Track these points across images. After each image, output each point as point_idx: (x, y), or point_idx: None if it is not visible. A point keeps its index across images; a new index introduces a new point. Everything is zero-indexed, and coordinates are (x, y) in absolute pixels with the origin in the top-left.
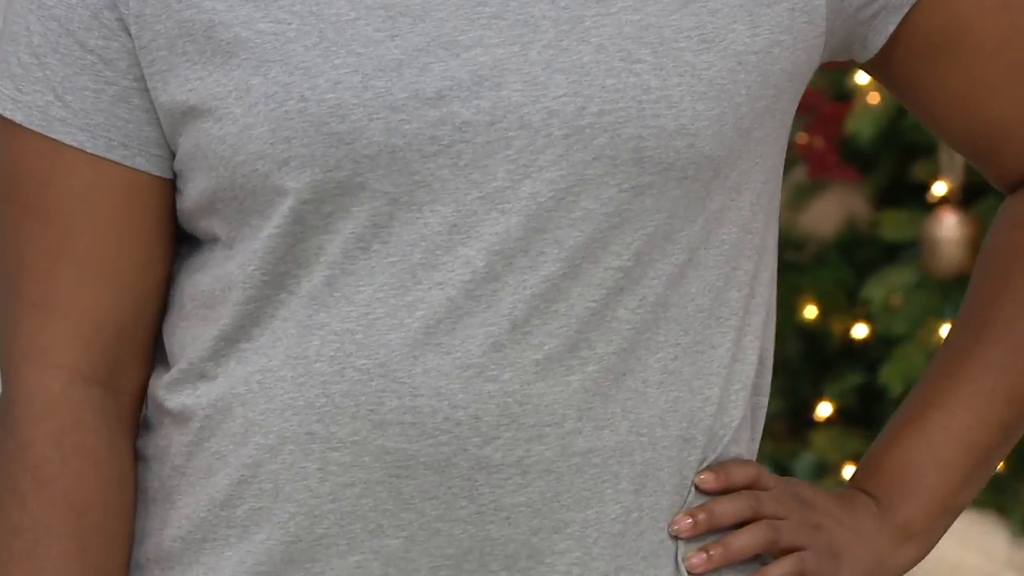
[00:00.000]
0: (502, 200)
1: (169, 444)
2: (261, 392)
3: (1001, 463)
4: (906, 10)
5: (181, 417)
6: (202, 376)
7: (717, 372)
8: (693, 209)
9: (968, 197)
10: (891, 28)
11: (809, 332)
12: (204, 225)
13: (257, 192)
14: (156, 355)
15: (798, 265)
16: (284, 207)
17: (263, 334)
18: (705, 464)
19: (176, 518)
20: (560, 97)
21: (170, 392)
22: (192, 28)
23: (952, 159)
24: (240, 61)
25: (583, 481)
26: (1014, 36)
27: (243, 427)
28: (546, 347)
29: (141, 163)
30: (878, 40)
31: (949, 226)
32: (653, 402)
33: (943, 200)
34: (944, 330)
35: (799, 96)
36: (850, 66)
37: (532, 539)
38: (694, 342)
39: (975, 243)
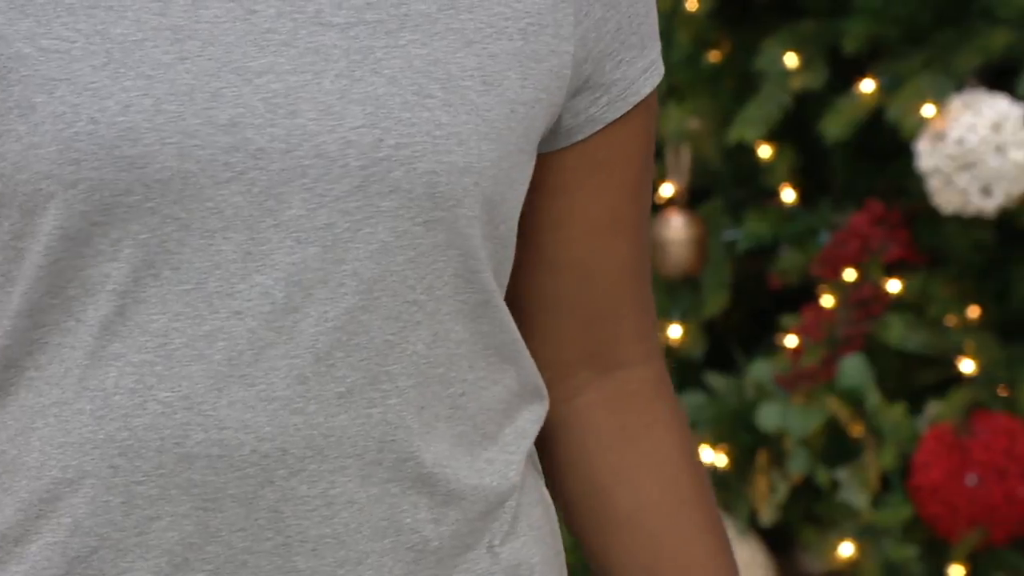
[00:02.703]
0: (297, 229)
1: None
2: (58, 426)
3: (726, 461)
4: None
5: None
6: None
7: (498, 408)
8: (484, 248)
9: (694, 199)
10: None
11: None
12: None
13: (38, 212)
14: None
15: None
16: (71, 230)
17: (51, 363)
18: (497, 493)
19: None
20: (357, 128)
21: None
22: None
23: (678, 161)
24: (21, 77)
25: (382, 511)
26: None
27: (39, 461)
28: (348, 380)
29: None
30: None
31: (676, 227)
32: (442, 436)
33: (670, 201)
34: (672, 330)
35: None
36: None
37: (338, 571)
38: (478, 378)
39: (702, 244)
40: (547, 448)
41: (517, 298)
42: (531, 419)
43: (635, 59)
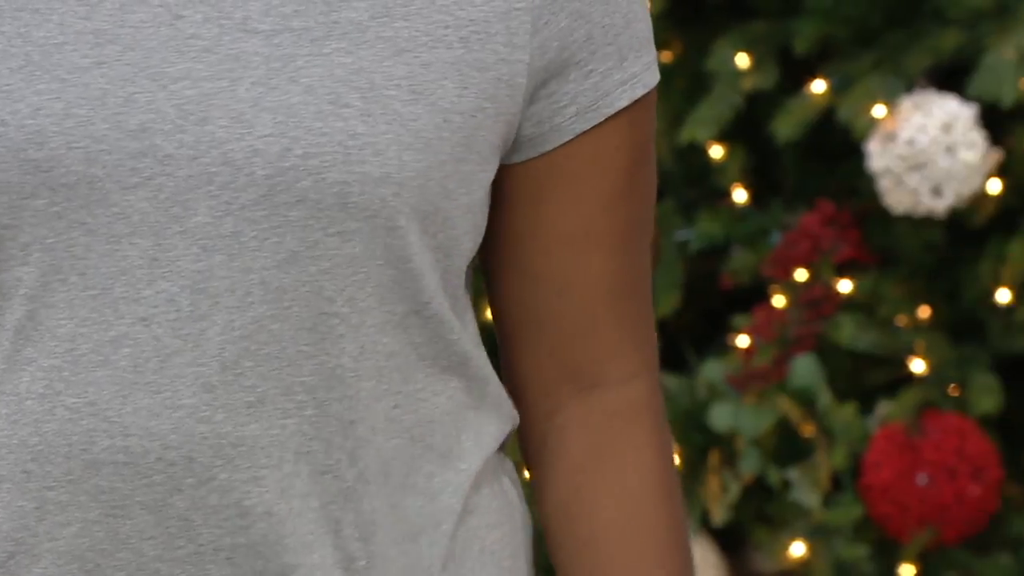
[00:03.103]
0: (203, 236)
1: None
2: None
3: (678, 461)
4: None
5: None
6: None
7: (443, 420)
8: (422, 258)
9: None
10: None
11: None
12: None
13: None
14: None
15: None
16: None
17: None
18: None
19: None
20: (266, 136)
21: None
22: None
23: None
24: None
25: (305, 525)
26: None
27: None
28: (259, 389)
29: None
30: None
31: None
32: (378, 450)
33: None
34: None
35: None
36: None
37: None
38: (415, 390)
39: (654, 244)
40: (529, 466)
41: (498, 311)
42: (489, 432)
43: (610, 71)
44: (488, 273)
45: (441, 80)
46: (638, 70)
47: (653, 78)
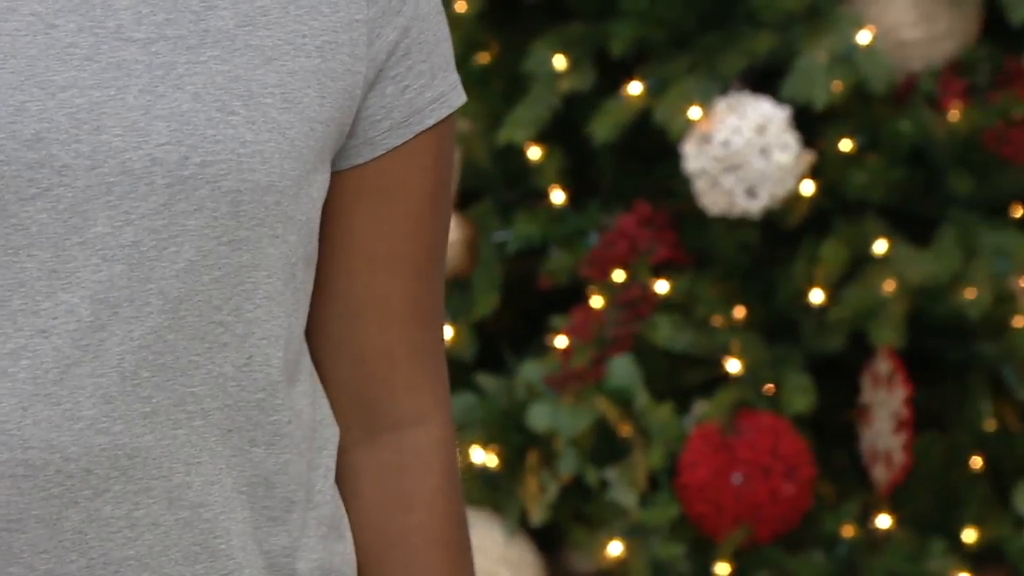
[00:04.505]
0: (103, 246)
1: None
2: None
3: (497, 461)
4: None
5: None
6: None
7: (319, 432)
8: (290, 272)
9: (464, 200)
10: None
11: None
12: None
13: None
14: None
15: None
16: None
17: None
18: (305, 520)
19: None
20: (163, 145)
21: None
22: None
23: None
24: None
25: (192, 536)
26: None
27: None
28: (154, 400)
29: None
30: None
31: None
32: (260, 462)
33: None
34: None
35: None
36: None
37: None
38: (310, 404)
39: (472, 245)
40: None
41: (307, 334)
42: (333, 449)
43: (423, 88)
44: None
45: (305, 88)
46: (446, 89)
47: (459, 98)
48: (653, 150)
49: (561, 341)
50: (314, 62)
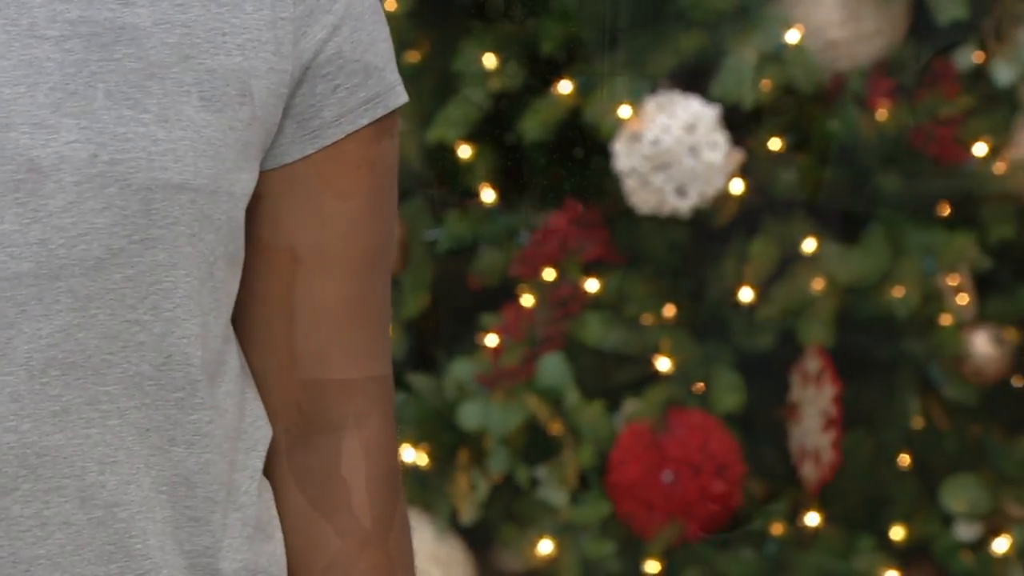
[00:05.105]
0: (10, 244)
1: None
2: None
3: (428, 460)
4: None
5: None
6: None
7: (247, 432)
8: (208, 271)
9: None
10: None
11: None
12: None
13: None
14: None
15: None
16: None
17: None
18: (228, 521)
19: None
20: (72, 143)
21: None
22: None
23: None
24: None
25: (106, 535)
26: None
27: None
28: (64, 398)
29: None
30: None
31: None
32: (180, 462)
33: None
34: None
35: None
36: None
37: None
38: (236, 404)
39: (403, 244)
40: None
41: (239, 337)
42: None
43: (356, 87)
44: None
45: (225, 87)
46: (382, 90)
47: (396, 99)
48: (584, 149)
49: (492, 340)
50: (235, 60)
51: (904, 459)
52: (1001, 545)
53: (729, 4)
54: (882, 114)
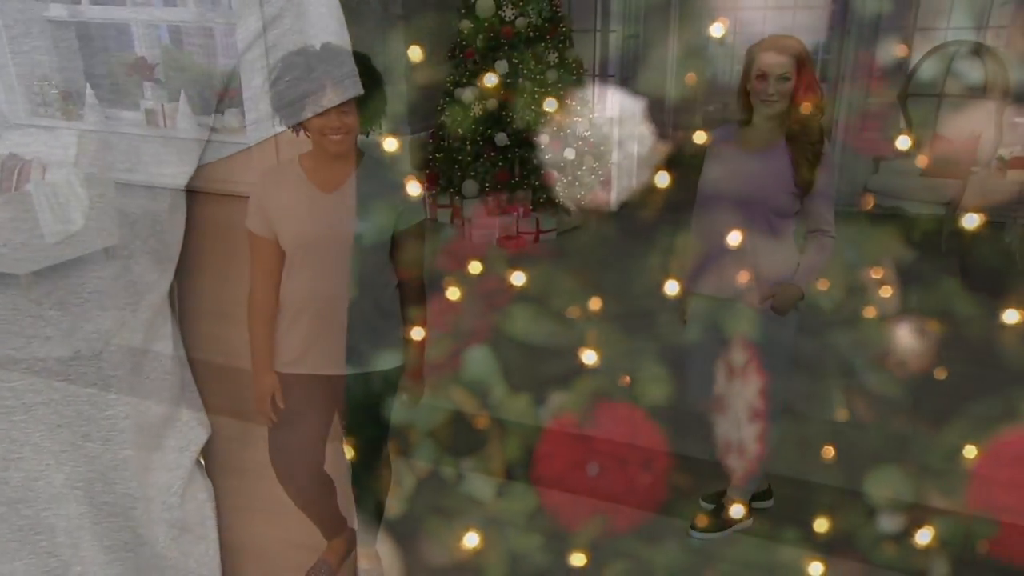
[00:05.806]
0: None
1: None
2: None
3: (352, 452)
4: None
5: None
6: None
7: (184, 434)
8: (124, 267)
9: None
10: None
11: None
12: None
13: None
14: None
15: None
16: None
17: None
18: (155, 519)
19: None
20: None
21: None
22: None
23: None
24: None
25: (10, 532)
26: None
27: None
28: None
29: None
30: None
31: None
32: (96, 458)
33: None
34: None
35: None
36: None
37: None
38: (163, 402)
39: None
40: None
41: None
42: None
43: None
44: None
45: None
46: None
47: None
48: (509, 141)
49: (418, 333)
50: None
51: (828, 451)
52: (924, 537)
53: None
54: (806, 107)
